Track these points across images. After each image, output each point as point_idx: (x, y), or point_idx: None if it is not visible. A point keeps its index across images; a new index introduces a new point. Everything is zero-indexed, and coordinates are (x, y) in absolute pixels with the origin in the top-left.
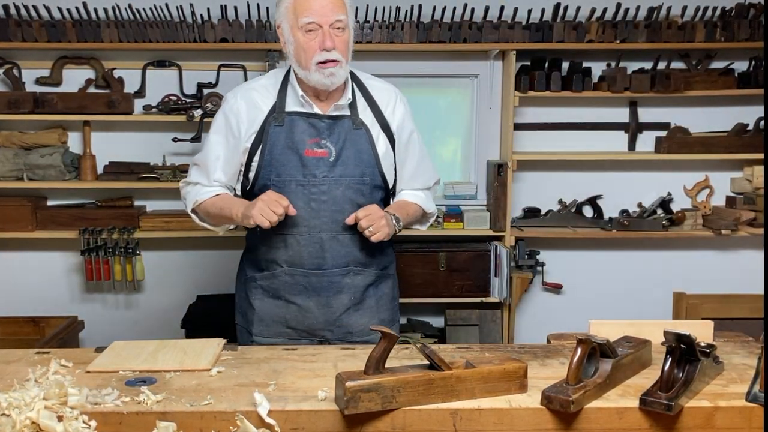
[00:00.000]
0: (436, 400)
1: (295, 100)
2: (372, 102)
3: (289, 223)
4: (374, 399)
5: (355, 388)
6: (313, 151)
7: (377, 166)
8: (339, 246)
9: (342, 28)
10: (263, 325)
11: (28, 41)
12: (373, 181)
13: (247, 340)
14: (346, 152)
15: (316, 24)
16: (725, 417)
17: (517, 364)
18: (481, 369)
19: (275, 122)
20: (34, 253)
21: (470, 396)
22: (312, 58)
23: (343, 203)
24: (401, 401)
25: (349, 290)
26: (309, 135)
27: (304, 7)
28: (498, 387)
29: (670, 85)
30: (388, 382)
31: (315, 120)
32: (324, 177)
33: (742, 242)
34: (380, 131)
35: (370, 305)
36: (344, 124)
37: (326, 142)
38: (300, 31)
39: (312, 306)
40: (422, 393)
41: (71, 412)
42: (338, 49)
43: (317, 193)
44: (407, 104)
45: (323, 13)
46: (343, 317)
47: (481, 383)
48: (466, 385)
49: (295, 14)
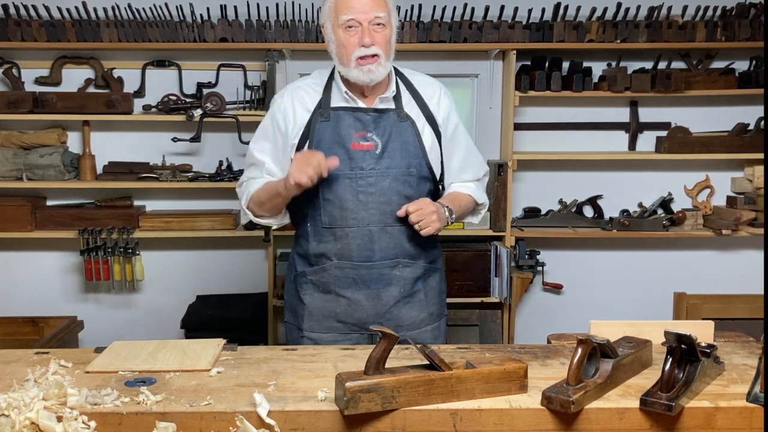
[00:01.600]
0: (437, 401)
1: (339, 96)
2: (417, 95)
3: (339, 216)
4: (374, 399)
5: (355, 389)
6: (360, 144)
7: (424, 158)
8: (388, 238)
9: (383, 24)
10: (313, 320)
11: (27, 41)
12: (419, 172)
13: (296, 337)
14: (392, 144)
15: (355, 21)
16: (726, 417)
17: (517, 364)
18: (481, 369)
19: (321, 118)
20: (33, 253)
21: (470, 396)
22: (351, 54)
23: (391, 195)
24: (401, 402)
25: (399, 282)
26: (355, 129)
27: (345, 5)
28: (498, 387)
29: (671, 84)
30: (388, 383)
31: (360, 114)
32: (371, 169)
33: (743, 242)
34: (426, 124)
35: (420, 299)
36: (389, 116)
37: (372, 135)
38: (341, 28)
39: (362, 299)
40: (422, 393)
41: (70, 412)
42: (378, 44)
43: (365, 185)
44: (452, 98)
45: (363, 11)
46: (393, 310)
47: (482, 384)
48: (467, 386)
49: (335, 12)
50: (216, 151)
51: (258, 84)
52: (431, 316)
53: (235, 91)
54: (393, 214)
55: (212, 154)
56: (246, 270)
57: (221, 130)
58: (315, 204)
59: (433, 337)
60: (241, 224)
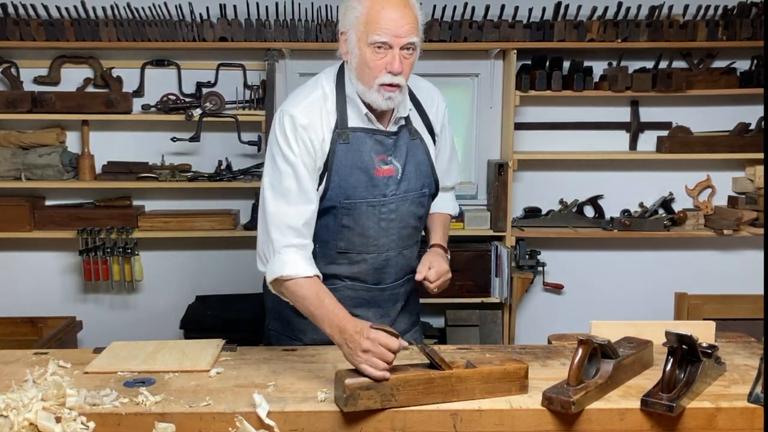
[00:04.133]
0: (436, 400)
1: (356, 115)
2: (418, 104)
3: (358, 242)
4: (374, 397)
5: (355, 386)
6: (382, 170)
7: (433, 175)
8: (403, 260)
9: (412, 50)
10: (317, 333)
11: (26, 40)
12: (430, 191)
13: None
14: (409, 167)
15: (387, 45)
16: (727, 418)
17: (517, 364)
18: (481, 369)
19: (340, 140)
20: (32, 253)
21: (470, 396)
22: (376, 78)
23: (408, 218)
24: (401, 400)
25: (402, 297)
26: (376, 152)
27: (379, 25)
28: (499, 388)
29: (672, 84)
30: (388, 381)
31: (381, 137)
32: (393, 195)
33: (744, 242)
34: (427, 134)
35: (410, 304)
36: (404, 136)
37: (392, 159)
38: (369, 47)
39: (370, 316)
40: (422, 392)
41: (69, 413)
42: (404, 73)
43: (386, 212)
44: (445, 100)
45: (398, 34)
46: (395, 323)
47: (482, 383)
48: (467, 385)
49: (366, 27)
50: (215, 151)
51: (257, 83)
52: (415, 320)
53: (235, 91)
54: (409, 238)
55: (211, 153)
56: (245, 270)
57: (221, 130)
58: (330, 229)
59: (420, 337)
60: (240, 224)
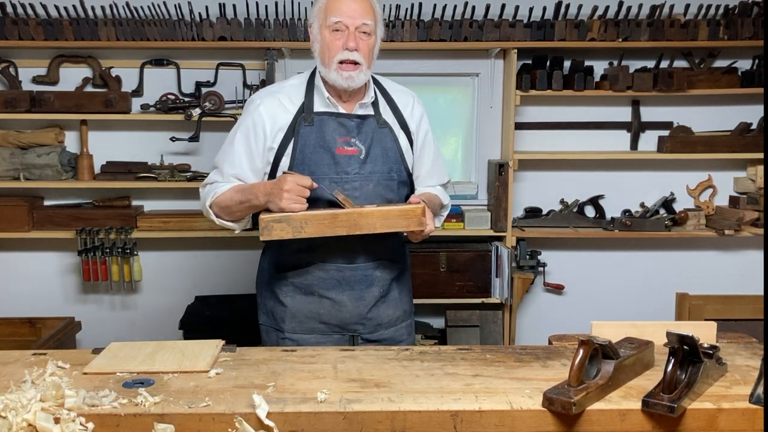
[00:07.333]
0: (341, 232)
1: (321, 101)
2: (392, 103)
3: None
4: (285, 229)
5: (269, 219)
6: (344, 149)
7: (402, 163)
8: (372, 240)
9: (368, 33)
10: (296, 321)
11: (24, 39)
12: (399, 177)
13: (275, 338)
14: (374, 150)
15: (343, 24)
16: (728, 419)
17: (414, 205)
18: (381, 208)
19: (305, 122)
20: (30, 253)
21: (372, 230)
22: (334, 57)
23: (374, 198)
24: (309, 231)
25: (379, 283)
26: (339, 134)
27: (334, 8)
28: (398, 223)
29: (673, 83)
30: (297, 215)
31: (344, 119)
32: (356, 174)
33: (746, 242)
34: (400, 130)
35: (394, 297)
36: (370, 123)
37: (355, 141)
38: (327, 29)
39: (345, 300)
40: (328, 225)
41: (68, 414)
42: (361, 51)
43: (350, 189)
44: (424, 107)
45: (351, 15)
46: (373, 309)
47: (382, 219)
48: (368, 221)
49: (325, 13)
50: (215, 151)
51: (257, 83)
52: (405, 313)
53: (234, 90)
54: None
55: (211, 153)
56: (245, 270)
57: (220, 130)
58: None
59: (407, 333)
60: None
